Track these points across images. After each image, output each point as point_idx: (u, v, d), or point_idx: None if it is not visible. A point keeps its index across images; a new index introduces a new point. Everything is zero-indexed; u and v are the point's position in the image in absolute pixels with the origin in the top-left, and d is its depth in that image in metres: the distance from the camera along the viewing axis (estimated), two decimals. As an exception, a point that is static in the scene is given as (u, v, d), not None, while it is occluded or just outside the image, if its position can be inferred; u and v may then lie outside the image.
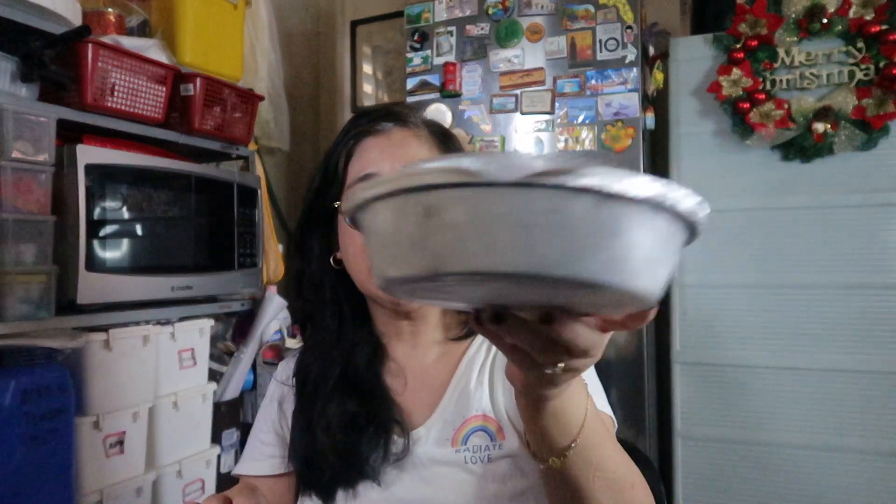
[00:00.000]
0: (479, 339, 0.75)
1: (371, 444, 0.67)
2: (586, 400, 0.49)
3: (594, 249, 0.27)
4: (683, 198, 0.29)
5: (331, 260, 0.75)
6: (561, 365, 0.38)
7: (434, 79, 2.05)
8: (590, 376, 0.70)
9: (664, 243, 0.30)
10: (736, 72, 1.79)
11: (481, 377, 0.72)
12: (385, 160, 0.69)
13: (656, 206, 0.28)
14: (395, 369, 0.74)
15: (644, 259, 0.29)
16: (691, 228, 0.31)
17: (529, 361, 0.39)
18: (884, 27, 1.67)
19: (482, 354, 0.74)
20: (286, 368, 0.81)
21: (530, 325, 0.36)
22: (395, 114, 0.74)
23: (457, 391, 0.71)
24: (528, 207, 0.26)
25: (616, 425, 0.69)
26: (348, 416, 0.69)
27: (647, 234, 0.28)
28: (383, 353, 0.75)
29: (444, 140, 0.75)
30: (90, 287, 1.33)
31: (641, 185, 0.27)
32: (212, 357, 1.75)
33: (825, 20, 1.73)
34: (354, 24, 2.92)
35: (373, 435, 0.68)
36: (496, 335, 0.38)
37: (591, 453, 0.49)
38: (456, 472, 0.66)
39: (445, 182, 0.27)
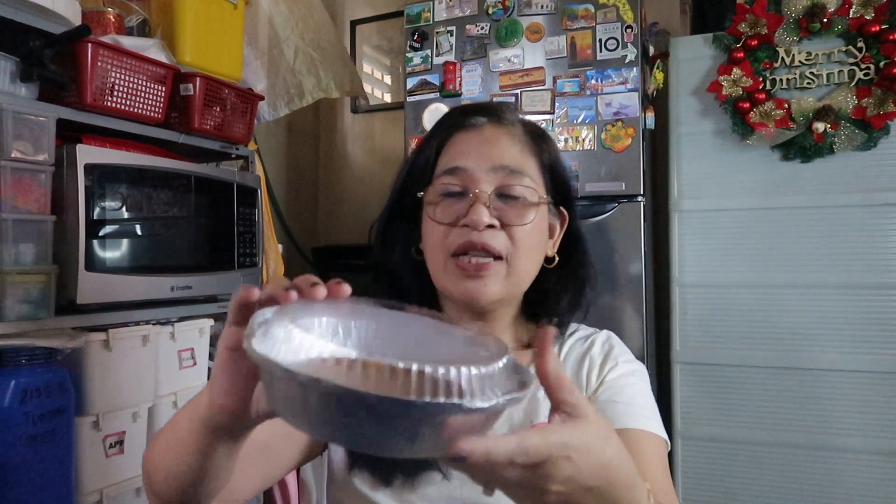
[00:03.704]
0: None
1: None
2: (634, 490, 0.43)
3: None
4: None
5: (413, 251, 0.75)
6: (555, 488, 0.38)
7: (434, 78, 2.05)
8: (642, 396, 0.70)
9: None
10: (736, 71, 1.79)
11: None
12: (473, 155, 0.69)
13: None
14: None
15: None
16: None
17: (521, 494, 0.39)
18: (884, 27, 1.67)
19: None
20: None
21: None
22: (489, 109, 0.74)
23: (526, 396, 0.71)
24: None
25: (668, 446, 0.68)
26: None
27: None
28: None
29: (538, 141, 0.74)
30: (90, 287, 1.33)
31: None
32: (211, 357, 1.75)
33: (825, 20, 1.72)
34: (354, 24, 2.92)
35: None
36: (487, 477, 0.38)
37: None
38: None
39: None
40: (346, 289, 0.43)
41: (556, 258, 0.75)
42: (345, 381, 0.32)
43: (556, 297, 0.76)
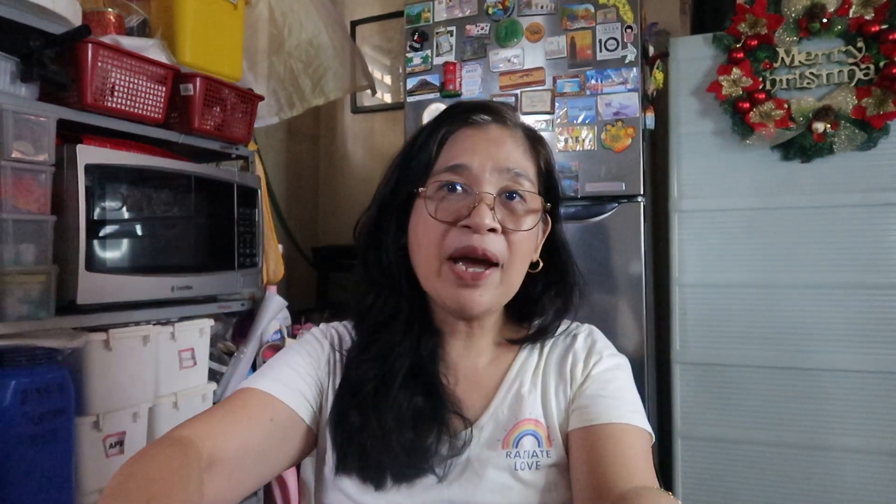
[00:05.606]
0: (531, 344, 0.75)
1: (433, 440, 0.66)
2: None
3: None
4: None
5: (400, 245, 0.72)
6: None
7: (434, 78, 2.05)
8: (627, 390, 0.70)
9: None
10: (736, 71, 1.79)
11: (535, 381, 0.71)
12: (479, 154, 0.68)
13: None
14: (446, 366, 0.72)
15: None
16: None
17: None
18: (884, 27, 1.67)
19: (535, 359, 0.73)
20: (336, 334, 0.77)
21: None
22: (494, 110, 0.73)
23: (510, 393, 0.70)
24: None
25: (654, 439, 0.68)
26: (416, 411, 0.66)
27: None
28: (441, 349, 0.72)
29: (536, 145, 0.73)
30: (90, 287, 1.33)
31: None
32: (212, 357, 1.75)
33: (825, 20, 1.73)
34: (354, 24, 2.92)
35: (434, 431, 0.66)
36: None
37: None
38: (504, 477, 0.66)
39: None
40: None
41: (540, 263, 0.74)
42: None
43: (544, 302, 0.75)
